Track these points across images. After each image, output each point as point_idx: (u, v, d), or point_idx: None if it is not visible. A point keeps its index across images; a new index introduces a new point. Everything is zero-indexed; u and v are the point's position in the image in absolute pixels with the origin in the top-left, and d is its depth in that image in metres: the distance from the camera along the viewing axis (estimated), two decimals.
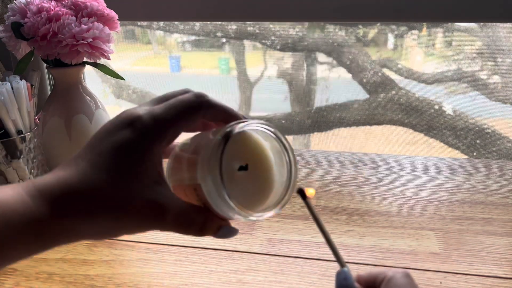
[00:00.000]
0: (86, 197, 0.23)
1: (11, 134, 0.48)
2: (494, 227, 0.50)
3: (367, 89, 1.73)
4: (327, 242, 0.25)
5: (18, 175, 0.49)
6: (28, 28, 0.51)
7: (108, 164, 0.23)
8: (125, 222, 0.24)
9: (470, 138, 1.58)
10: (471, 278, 0.42)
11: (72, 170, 0.24)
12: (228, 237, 0.27)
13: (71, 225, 0.23)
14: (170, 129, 0.25)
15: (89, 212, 0.23)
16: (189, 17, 0.76)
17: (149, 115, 0.24)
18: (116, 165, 0.23)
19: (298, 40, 1.72)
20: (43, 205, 0.22)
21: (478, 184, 0.61)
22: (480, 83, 1.64)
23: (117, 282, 0.41)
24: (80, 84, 0.57)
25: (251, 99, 1.97)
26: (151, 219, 0.24)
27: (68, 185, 0.23)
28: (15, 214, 0.22)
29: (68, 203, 0.23)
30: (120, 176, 0.23)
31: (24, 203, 0.22)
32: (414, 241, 0.48)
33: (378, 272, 0.26)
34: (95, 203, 0.23)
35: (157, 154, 0.25)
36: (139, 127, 0.24)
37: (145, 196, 0.24)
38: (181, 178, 0.28)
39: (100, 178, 0.23)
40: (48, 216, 0.22)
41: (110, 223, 0.23)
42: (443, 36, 1.81)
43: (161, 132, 0.24)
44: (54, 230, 0.23)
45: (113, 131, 0.24)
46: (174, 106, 0.25)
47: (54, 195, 0.23)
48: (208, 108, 0.26)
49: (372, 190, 0.59)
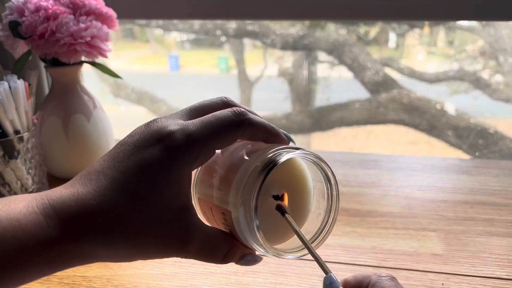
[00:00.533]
0: (104, 221, 0.21)
1: (8, 134, 0.47)
2: (497, 228, 0.50)
3: (368, 88, 1.72)
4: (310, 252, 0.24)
5: (16, 175, 0.49)
6: (25, 27, 0.50)
7: (131, 186, 0.21)
8: (144, 250, 0.22)
9: (472, 138, 1.57)
10: (473, 280, 0.41)
11: (92, 187, 0.21)
12: (251, 265, 0.25)
13: (86, 249, 0.21)
14: (204, 150, 0.22)
15: (106, 238, 0.21)
16: (188, 15, 0.75)
17: (182, 132, 0.22)
18: (140, 188, 0.21)
19: (299, 39, 1.72)
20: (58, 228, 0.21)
21: (481, 184, 0.61)
22: (482, 82, 1.63)
23: (116, 284, 0.40)
24: (78, 83, 0.57)
25: (251, 98, 1.96)
26: (173, 248, 0.23)
27: (87, 206, 0.21)
28: (29, 236, 0.20)
29: (85, 227, 0.21)
30: (143, 201, 0.21)
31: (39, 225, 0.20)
32: (416, 242, 0.47)
33: (363, 276, 0.25)
34: (113, 228, 0.21)
35: (186, 176, 0.22)
36: (170, 146, 0.21)
37: (169, 224, 0.22)
38: (210, 195, 0.25)
39: (122, 201, 0.21)
40: (63, 240, 0.21)
41: (128, 249, 0.22)
42: (445, 35, 1.80)
43: (194, 153, 0.22)
44: (68, 253, 0.21)
45: (141, 147, 0.22)
46: (211, 124, 0.22)
47: (71, 216, 0.21)
48: (248, 128, 0.23)
49: (373, 191, 0.59)
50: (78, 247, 0.21)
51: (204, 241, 0.23)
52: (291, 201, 0.26)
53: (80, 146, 0.56)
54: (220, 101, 0.25)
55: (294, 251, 0.25)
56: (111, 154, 0.23)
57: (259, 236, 0.23)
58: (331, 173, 0.25)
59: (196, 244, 0.23)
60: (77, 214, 0.21)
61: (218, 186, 0.25)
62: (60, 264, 0.22)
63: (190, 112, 0.24)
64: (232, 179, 0.24)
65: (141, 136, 0.22)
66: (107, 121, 0.59)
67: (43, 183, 0.53)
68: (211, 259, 0.24)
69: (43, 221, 0.21)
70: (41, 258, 0.21)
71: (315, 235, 0.26)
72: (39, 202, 0.21)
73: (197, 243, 0.23)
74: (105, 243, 0.21)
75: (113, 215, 0.21)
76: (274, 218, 0.25)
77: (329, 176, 0.25)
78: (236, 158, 0.25)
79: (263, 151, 0.24)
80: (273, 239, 0.26)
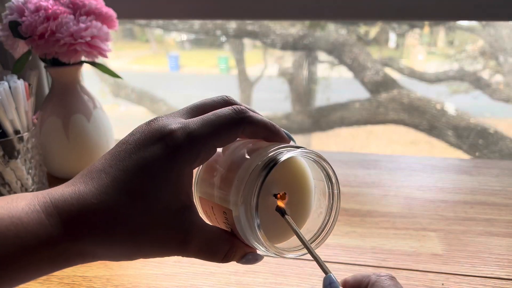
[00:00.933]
0: (105, 220, 0.21)
1: (8, 134, 0.47)
2: (497, 228, 0.50)
3: (368, 88, 1.72)
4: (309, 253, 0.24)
5: (16, 175, 0.49)
6: (25, 27, 0.50)
7: (132, 185, 0.21)
8: (145, 248, 0.22)
9: (472, 138, 1.57)
10: (473, 280, 0.41)
11: (93, 186, 0.21)
12: (252, 264, 0.25)
13: (87, 248, 0.21)
14: (205, 148, 0.22)
15: (107, 237, 0.21)
16: (188, 15, 0.75)
17: (183, 130, 0.22)
18: (141, 187, 0.21)
19: (299, 39, 1.72)
20: (59, 226, 0.21)
21: (481, 184, 0.61)
22: (482, 82, 1.63)
23: (116, 284, 0.40)
24: (78, 83, 0.57)
25: (251, 98, 1.96)
26: (173, 247, 0.23)
27: (88, 205, 0.21)
28: (30, 235, 0.20)
29: (86, 226, 0.21)
30: (144, 200, 0.21)
31: (41, 223, 0.20)
32: (416, 242, 0.47)
33: (362, 276, 0.25)
34: (114, 227, 0.21)
35: (187, 175, 0.22)
36: (171, 145, 0.22)
37: (169, 223, 0.22)
38: (211, 194, 0.25)
39: (123, 200, 0.21)
40: (64, 239, 0.21)
41: (129, 248, 0.22)
42: (445, 35, 1.80)
43: (194, 151, 0.22)
44: (69, 252, 0.21)
45: (142, 145, 0.22)
46: (212, 122, 0.22)
47: (72, 215, 0.21)
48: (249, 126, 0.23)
49: (373, 191, 0.59)
50: (79, 246, 0.21)
51: (205, 241, 0.23)
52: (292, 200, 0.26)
53: (80, 146, 0.56)
54: (221, 100, 0.25)
55: (295, 250, 0.25)
56: (112, 153, 0.23)
57: (260, 235, 0.23)
58: (332, 172, 0.25)
59: (197, 243, 0.23)
60: (78, 213, 0.21)
61: (219, 185, 0.25)
62: (61, 262, 0.22)
63: (191, 111, 0.24)
64: (233, 178, 0.24)
65: (142, 135, 0.22)
66: (107, 121, 0.59)
67: (43, 183, 0.53)
68: (212, 258, 0.24)
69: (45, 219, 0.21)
70: (42, 256, 0.21)
71: (316, 234, 0.26)
72: (41, 200, 0.21)
73: (198, 242, 0.23)
74: (105, 242, 0.21)
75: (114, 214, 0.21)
76: (275, 217, 0.25)
77: (330, 174, 0.25)
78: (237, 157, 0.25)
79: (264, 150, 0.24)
80: (274, 238, 0.26)
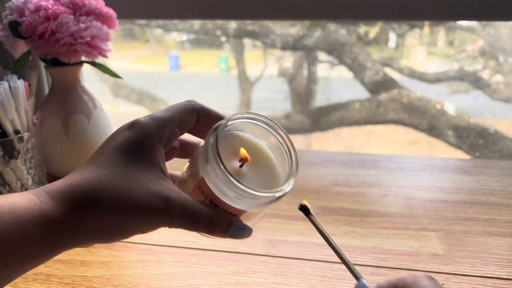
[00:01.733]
0: (92, 193, 0.24)
1: (8, 134, 0.47)
2: (497, 228, 0.50)
3: (368, 88, 1.72)
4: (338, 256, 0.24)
5: (16, 175, 0.49)
6: (26, 27, 0.50)
7: (111, 161, 0.25)
8: (134, 217, 0.24)
9: (472, 138, 1.57)
10: (473, 280, 0.41)
11: (78, 174, 0.25)
12: (241, 236, 0.27)
13: (80, 222, 0.23)
14: (168, 126, 0.26)
15: (97, 208, 0.23)
16: (188, 15, 0.75)
17: (148, 116, 0.27)
18: (119, 161, 0.25)
19: (299, 39, 1.72)
20: (52, 204, 0.23)
21: (481, 184, 0.61)
22: (482, 82, 1.63)
23: (116, 284, 0.40)
24: (78, 83, 0.57)
25: (251, 98, 1.96)
26: (160, 210, 0.24)
27: (75, 186, 0.24)
28: (27, 213, 0.22)
29: (76, 201, 0.23)
30: (123, 171, 0.24)
31: (35, 203, 0.23)
32: (416, 242, 0.47)
33: (397, 279, 0.26)
34: (101, 198, 0.24)
35: (158, 150, 0.26)
36: (139, 128, 0.26)
37: (150, 188, 0.24)
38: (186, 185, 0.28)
39: (104, 173, 0.24)
40: (58, 214, 0.23)
41: (119, 219, 0.24)
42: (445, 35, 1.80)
43: (160, 129, 0.26)
44: (65, 228, 0.23)
45: (114, 135, 0.26)
46: (171, 108, 0.28)
47: (62, 195, 0.24)
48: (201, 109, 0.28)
49: (373, 191, 0.59)
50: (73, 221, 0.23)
51: (187, 206, 0.25)
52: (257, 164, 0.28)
53: (80, 146, 0.56)
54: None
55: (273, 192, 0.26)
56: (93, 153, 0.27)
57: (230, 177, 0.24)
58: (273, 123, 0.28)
59: (180, 209, 0.25)
60: (68, 192, 0.24)
61: (187, 171, 0.28)
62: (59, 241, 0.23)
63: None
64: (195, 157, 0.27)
65: (117, 129, 0.27)
66: (107, 121, 0.59)
67: (43, 183, 0.53)
68: (197, 226, 0.26)
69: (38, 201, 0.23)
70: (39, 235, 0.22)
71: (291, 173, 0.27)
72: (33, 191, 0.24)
73: (181, 208, 0.25)
74: (96, 214, 0.24)
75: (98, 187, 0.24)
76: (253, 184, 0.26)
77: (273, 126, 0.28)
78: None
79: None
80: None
